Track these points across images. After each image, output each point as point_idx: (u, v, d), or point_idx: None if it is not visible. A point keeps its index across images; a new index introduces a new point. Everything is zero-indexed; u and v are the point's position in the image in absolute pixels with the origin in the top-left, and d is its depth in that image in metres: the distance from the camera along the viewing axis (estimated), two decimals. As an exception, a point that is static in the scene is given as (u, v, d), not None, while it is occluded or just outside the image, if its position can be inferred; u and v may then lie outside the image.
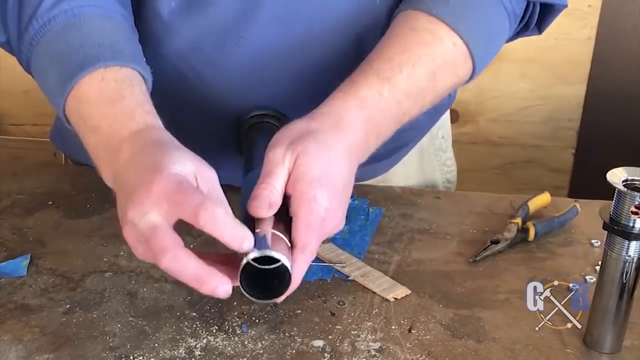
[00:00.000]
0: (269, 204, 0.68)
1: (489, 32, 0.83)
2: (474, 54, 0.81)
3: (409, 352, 0.74)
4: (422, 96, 0.81)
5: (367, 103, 0.76)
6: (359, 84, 0.77)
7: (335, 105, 0.75)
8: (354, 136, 0.75)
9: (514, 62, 1.90)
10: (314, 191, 0.68)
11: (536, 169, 2.03)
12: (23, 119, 2.04)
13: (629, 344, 0.75)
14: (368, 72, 0.78)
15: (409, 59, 0.78)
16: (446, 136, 1.15)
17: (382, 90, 0.77)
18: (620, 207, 0.69)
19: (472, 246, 0.91)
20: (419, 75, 0.79)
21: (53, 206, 0.98)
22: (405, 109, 0.79)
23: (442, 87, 0.82)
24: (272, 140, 0.73)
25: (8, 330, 0.76)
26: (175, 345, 0.74)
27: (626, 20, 1.87)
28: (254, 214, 0.68)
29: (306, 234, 0.68)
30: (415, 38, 0.80)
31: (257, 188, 0.69)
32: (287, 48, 0.85)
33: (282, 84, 0.88)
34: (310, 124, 0.73)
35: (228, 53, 0.85)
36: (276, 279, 0.66)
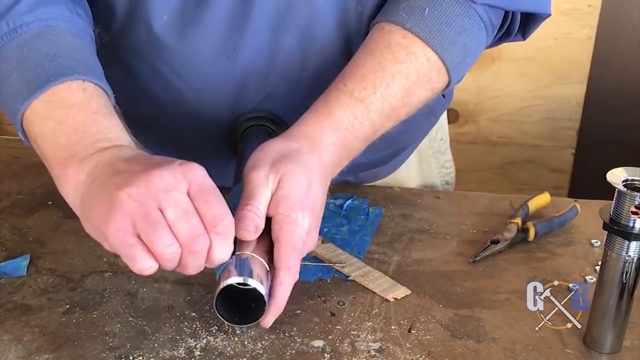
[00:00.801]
0: (255, 227, 0.69)
1: (464, 44, 0.83)
2: (449, 67, 0.81)
3: (408, 352, 0.74)
4: (396, 114, 0.81)
5: (341, 125, 0.77)
6: (332, 104, 0.78)
7: (311, 126, 0.76)
8: (329, 159, 0.76)
9: (514, 62, 1.90)
10: (295, 214, 0.70)
11: (536, 169, 2.03)
12: (23, 119, 2.04)
13: (629, 344, 0.75)
14: (342, 90, 0.78)
15: (383, 78, 0.79)
16: (444, 138, 1.15)
17: (356, 112, 0.77)
18: (620, 207, 0.69)
19: (472, 246, 0.91)
20: (392, 94, 0.79)
21: (53, 206, 0.98)
22: (377, 127, 0.80)
23: (417, 102, 0.83)
24: (251, 161, 0.73)
25: (8, 330, 0.76)
26: (175, 346, 0.74)
27: (626, 20, 1.87)
28: (241, 237, 0.69)
29: (290, 256, 0.70)
30: (389, 55, 0.79)
31: (242, 209, 0.70)
32: (280, 58, 0.85)
33: (276, 93, 0.88)
34: (290, 144, 0.74)
35: (221, 66, 0.85)
36: (253, 302, 0.68)
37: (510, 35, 0.90)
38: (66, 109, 0.71)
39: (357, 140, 0.79)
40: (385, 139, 0.82)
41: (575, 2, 1.81)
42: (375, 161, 1.01)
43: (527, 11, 0.87)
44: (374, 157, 0.99)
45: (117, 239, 0.63)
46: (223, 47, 0.84)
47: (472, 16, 0.82)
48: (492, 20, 0.84)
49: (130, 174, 0.64)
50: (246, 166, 0.74)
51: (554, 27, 1.83)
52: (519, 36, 0.91)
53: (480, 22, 0.83)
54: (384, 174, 1.06)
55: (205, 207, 0.64)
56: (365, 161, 0.97)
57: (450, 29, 0.81)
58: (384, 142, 0.83)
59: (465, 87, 1.05)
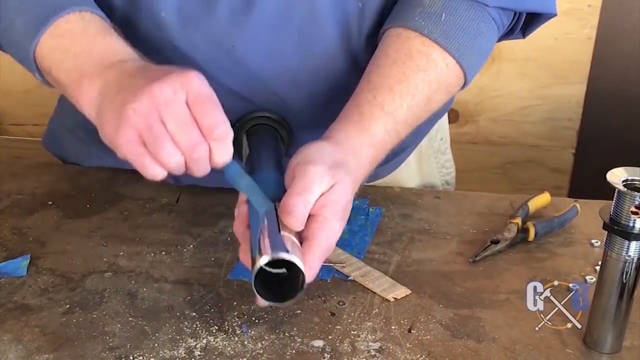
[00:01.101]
0: (304, 219, 0.70)
1: (479, 47, 0.84)
2: (466, 71, 0.83)
3: (409, 352, 0.74)
4: (417, 122, 0.84)
5: (375, 140, 0.79)
6: (367, 117, 0.79)
7: (353, 139, 0.78)
8: (362, 174, 0.78)
9: (514, 62, 1.90)
10: (336, 222, 0.71)
11: (536, 169, 2.02)
12: (23, 119, 2.04)
13: (629, 344, 0.75)
14: (372, 103, 0.80)
15: (408, 89, 0.80)
16: (444, 138, 1.15)
17: (387, 126, 0.80)
18: (620, 207, 0.69)
19: (472, 246, 0.91)
20: (416, 105, 0.81)
21: (53, 206, 0.98)
22: (401, 137, 0.82)
23: (435, 108, 0.85)
24: (306, 156, 0.74)
25: (8, 330, 0.76)
26: (175, 346, 0.74)
27: (626, 20, 1.86)
28: (289, 224, 0.70)
29: (318, 258, 0.70)
30: (411, 63, 0.81)
31: (294, 197, 0.70)
32: (279, 55, 0.86)
33: (276, 90, 0.88)
34: (341, 154, 0.76)
35: (220, 62, 0.85)
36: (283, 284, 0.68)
37: (512, 34, 0.91)
38: (70, 37, 0.76)
39: (383, 153, 0.81)
40: None
41: (576, 2, 1.81)
42: None
43: (535, 11, 0.88)
44: None
45: (127, 151, 0.69)
46: (222, 44, 0.84)
47: (487, 20, 0.84)
48: (504, 21, 0.86)
49: (134, 89, 0.68)
50: (298, 159, 0.74)
51: (554, 27, 1.83)
52: (519, 34, 0.92)
53: (494, 24, 0.85)
54: (383, 174, 1.06)
55: (202, 115, 0.68)
56: None
57: (466, 34, 0.82)
58: None
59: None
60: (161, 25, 0.84)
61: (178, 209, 0.98)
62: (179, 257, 0.88)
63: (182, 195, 1.01)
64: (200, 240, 0.91)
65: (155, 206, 0.98)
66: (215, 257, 0.88)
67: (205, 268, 0.86)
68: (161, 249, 0.89)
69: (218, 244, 0.90)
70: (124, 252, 0.89)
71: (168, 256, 0.88)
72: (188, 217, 0.96)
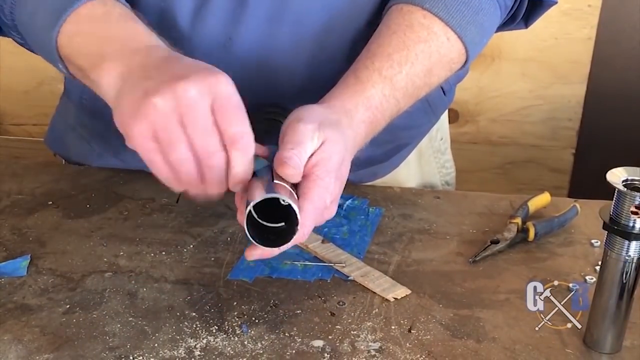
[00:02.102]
0: (299, 168, 0.69)
1: (481, 24, 0.84)
2: (468, 47, 0.83)
3: (409, 352, 0.74)
4: (417, 93, 0.83)
5: (372, 103, 0.78)
6: (364, 81, 0.79)
7: (348, 102, 0.78)
8: (359, 136, 0.77)
9: (514, 61, 1.90)
10: (329, 179, 0.71)
11: (536, 169, 2.02)
12: (23, 119, 2.04)
13: (629, 344, 0.75)
14: (370, 68, 0.79)
15: (408, 57, 0.80)
16: (444, 138, 1.15)
17: (385, 90, 0.79)
18: (620, 207, 0.69)
19: (472, 246, 0.91)
20: (415, 74, 0.81)
21: (53, 206, 0.98)
22: (401, 106, 0.82)
23: (437, 82, 0.84)
24: (295, 115, 0.74)
25: (8, 330, 0.75)
26: (175, 346, 0.74)
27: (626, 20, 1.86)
28: (285, 175, 0.69)
29: (310, 216, 0.70)
30: (412, 34, 0.81)
31: (286, 151, 0.69)
32: (277, 48, 0.86)
33: (273, 84, 0.88)
34: (332, 114, 0.75)
35: (217, 55, 0.85)
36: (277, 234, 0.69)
37: (515, 21, 0.91)
38: (91, 23, 0.74)
39: (383, 119, 0.80)
40: (385, 132, 0.83)
41: (576, 2, 1.81)
42: (376, 157, 1.01)
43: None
44: (375, 153, 0.99)
45: (138, 143, 0.67)
46: (218, 37, 0.84)
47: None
48: (507, 1, 0.86)
49: (159, 82, 0.66)
50: (288, 119, 0.74)
51: (554, 27, 1.83)
52: (522, 24, 0.92)
53: (496, 2, 0.85)
54: (383, 173, 1.06)
55: (227, 123, 0.66)
56: (366, 157, 0.97)
57: (468, 9, 0.82)
58: (384, 136, 0.84)
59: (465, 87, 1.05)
60: (157, 16, 0.84)
61: (178, 209, 0.98)
62: (179, 257, 0.88)
63: (182, 195, 1.01)
64: (200, 240, 0.91)
65: (155, 206, 0.98)
66: (215, 257, 0.88)
67: (205, 268, 0.86)
68: (161, 249, 0.89)
69: (218, 244, 0.90)
70: (124, 252, 0.89)
71: (168, 256, 0.88)
72: (188, 217, 0.96)
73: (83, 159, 1.08)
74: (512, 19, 0.91)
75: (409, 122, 0.89)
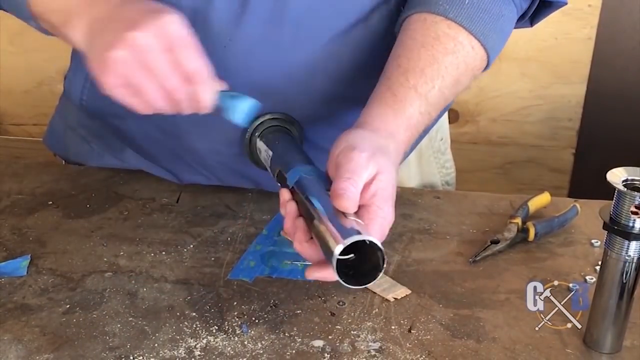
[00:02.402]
0: (355, 200, 0.70)
1: (501, 29, 0.85)
2: (490, 53, 0.84)
3: (409, 352, 0.74)
4: (445, 104, 0.84)
5: (411, 123, 0.79)
6: (402, 100, 0.79)
7: (391, 123, 0.78)
8: (400, 157, 0.78)
9: (514, 61, 1.90)
10: (388, 209, 0.71)
11: (536, 169, 2.02)
12: (23, 119, 2.04)
13: (629, 344, 0.75)
14: (405, 85, 0.80)
15: (439, 71, 0.81)
16: (445, 138, 1.15)
17: (421, 108, 0.80)
18: (620, 207, 0.69)
19: (472, 246, 0.91)
20: (446, 86, 0.82)
21: (53, 206, 0.98)
22: (432, 119, 0.83)
23: (460, 90, 0.85)
24: (347, 142, 0.74)
25: (8, 330, 0.76)
26: (175, 345, 0.74)
27: (626, 20, 1.86)
28: (343, 208, 0.69)
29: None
30: (440, 47, 0.82)
31: (342, 182, 0.70)
32: (277, 50, 0.86)
33: (273, 85, 0.88)
34: (379, 139, 0.76)
35: (216, 57, 0.85)
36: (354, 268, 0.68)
37: (523, 20, 0.92)
38: None
39: (418, 135, 0.82)
40: None
41: (575, 2, 1.81)
42: None
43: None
44: None
45: (113, 93, 0.73)
46: (219, 37, 0.84)
47: (508, 2, 0.85)
48: (523, 5, 0.88)
49: (115, 34, 0.71)
50: (340, 147, 0.74)
51: (554, 27, 1.83)
52: (527, 22, 0.93)
53: (514, 7, 0.86)
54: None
55: (182, 61, 0.72)
56: None
57: (489, 17, 0.83)
58: None
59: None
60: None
61: (178, 209, 0.98)
62: (179, 257, 0.88)
63: (182, 195, 1.01)
64: (200, 240, 0.91)
65: (155, 206, 0.98)
66: (215, 257, 0.88)
67: (205, 268, 0.86)
68: (161, 249, 0.89)
69: (218, 244, 0.90)
70: (124, 252, 0.89)
71: (168, 256, 0.88)
72: (188, 217, 0.96)
73: (82, 159, 1.07)
74: (520, 18, 0.91)
75: None
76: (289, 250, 0.89)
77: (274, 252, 0.89)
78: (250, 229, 0.93)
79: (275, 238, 0.92)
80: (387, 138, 0.77)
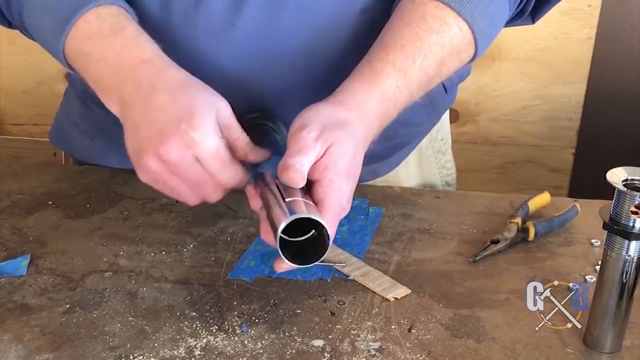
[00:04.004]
0: (302, 174, 0.71)
1: (491, 16, 0.85)
2: (478, 38, 0.83)
3: (409, 352, 0.74)
4: (430, 84, 0.83)
5: (386, 95, 0.79)
6: (378, 73, 0.80)
7: (361, 95, 0.79)
8: (372, 129, 0.79)
9: (514, 61, 1.90)
10: (341, 181, 0.72)
11: (536, 168, 2.03)
12: (23, 119, 2.04)
13: (629, 344, 0.75)
14: (384, 60, 0.80)
15: (421, 49, 0.81)
16: (445, 138, 1.15)
17: (399, 82, 0.80)
18: (620, 207, 0.69)
19: (472, 246, 0.91)
20: (429, 65, 0.81)
21: (53, 206, 0.98)
22: (414, 97, 0.82)
23: (447, 73, 0.85)
24: (300, 120, 0.75)
25: (8, 330, 0.76)
26: (175, 345, 0.74)
27: (626, 20, 1.86)
28: (288, 181, 0.71)
29: (331, 222, 0.71)
30: (425, 25, 0.81)
31: (288, 159, 0.72)
32: (279, 35, 0.86)
33: (275, 71, 0.88)
34: (341, 112, 0.76)
35: (219, 42, 0.85)
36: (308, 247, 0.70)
37: (523, 16, 0.92)
38: (87, 41, 0.79)
39: (395, 110, 0.81)
40: (386, 128, 0.83)
41: (575, 2, 1.81)
42: (376, 154, 1.01)
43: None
44: (375, 150, 0.99)
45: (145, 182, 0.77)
46: (221, 23, 0.84)
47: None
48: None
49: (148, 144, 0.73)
50: (294, 124, 0.76)
51: (554, 27, 1.83)
52: (529, 19, 0.93)
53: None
54: (383, 172, 1.06)
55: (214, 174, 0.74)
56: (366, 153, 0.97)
57: (479, 0, 0.83)
58: (384, 132, 0.84)
59: (465, 87, 1.04)
60: (159, 4, 0.84)
61: (178, 209, 0.98)
62: (179, 257, 0.88)
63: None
64: (200, 240, 0.91)
65: (155, 206, 0.98)
66: (215, 257, 0.88)
67: (205, 268, 0.86)
68: (161, 249, 0.89)
69: (218, 244, 0.90)
70: (124, 252, 0.89)
71: (168, 256, 0.88)
72: (188, 217, 0.96)
73: (86, 155, 1.08)
74: (520, 14, 0.91)
75: (409, 118, 0.89)
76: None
77: (274, 252, 0.88)
78: (250, 229, 0.94)
79: (275, 238, 0.92)
80: (351, 110, 0.77)
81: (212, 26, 0.85)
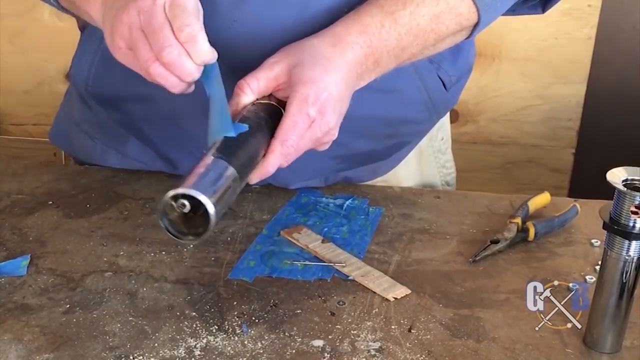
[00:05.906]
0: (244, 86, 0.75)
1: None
2: (479, 5, 0.83)
3: (409, 352, 0.74)
4: (424, 37, 0.83)
5: (368, 30, 0.79)
6: (361, 12, 0.80)
7: (338, 28, 0.79)
8: (353, 54, 0.78)
9: (514, 61, 1.90)
10: (307, 90, 0.73)
11: (536, 168, 2.02)
12: (23, 119, 2.04)
13: (629, 344, 0.75)
14: (372, 3, 0.81)
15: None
16: (445, 138, 1.15)
17: (384, 22, 0.80)
18: (620, 207, 0.69)
19: (472, 246, 0.91)
20: (421, 15, 0.81)
21: (53, 206, 0.98)
22: (405, 44, 0.81)
23: (445, 33, 0.84)
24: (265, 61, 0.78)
25: (8, 330, 0.76)
26: (175, 345, 0.74)
27: (626, 20, 1.86)
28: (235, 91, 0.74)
29: (289, 130, 0.72)
30: None
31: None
32: (281, 31, 0.85)
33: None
34: (312, 39, 0.78)
35: (221, 38, 0.85)
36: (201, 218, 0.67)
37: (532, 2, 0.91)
38: None
39: (384, 49, 0.80)
40: (386, 125, 0.82)
41: (575, 2, 1.81)
42: (376, 153, 1.01)
43: None
44: (375, 148, 0.99)
45: (119, 57, 0.76)
46: (223, 19, 0.84)
47: None
48: None
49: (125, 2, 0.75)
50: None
51: (554, 27, 1.83)
52: (539, 8, 0.92)
53: None
54: (383, 172, 1.06)
55: (172, 19, 0.72)
56: (366, 152, 0.96)
57: None
58: (384, 130, 0.83)
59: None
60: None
61: (178, 208, 0.98)
62: (179, 257, 0.88)
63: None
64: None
65: (155, 206, 0.98)
66: (215, 257, 0.88)
67: (205, 268, 0.86)
68: (161, 249, 0.89)
69: (218, 244, 0.90)
70: (124, 252, 0.89)
71: (168, 256, 0.88)
72: (188, 217, 0.96)
73: (87, 156, 1.08)
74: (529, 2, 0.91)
75: (410, 116, 0.89)
76: (289, 250, 0.89)
77: (274, 252, 0.89)
78: (250, 228, 0.94)
79: (275, 238, 0.92)
80: (323, 36, 0.79)
81: (216, 22, 0.85)
